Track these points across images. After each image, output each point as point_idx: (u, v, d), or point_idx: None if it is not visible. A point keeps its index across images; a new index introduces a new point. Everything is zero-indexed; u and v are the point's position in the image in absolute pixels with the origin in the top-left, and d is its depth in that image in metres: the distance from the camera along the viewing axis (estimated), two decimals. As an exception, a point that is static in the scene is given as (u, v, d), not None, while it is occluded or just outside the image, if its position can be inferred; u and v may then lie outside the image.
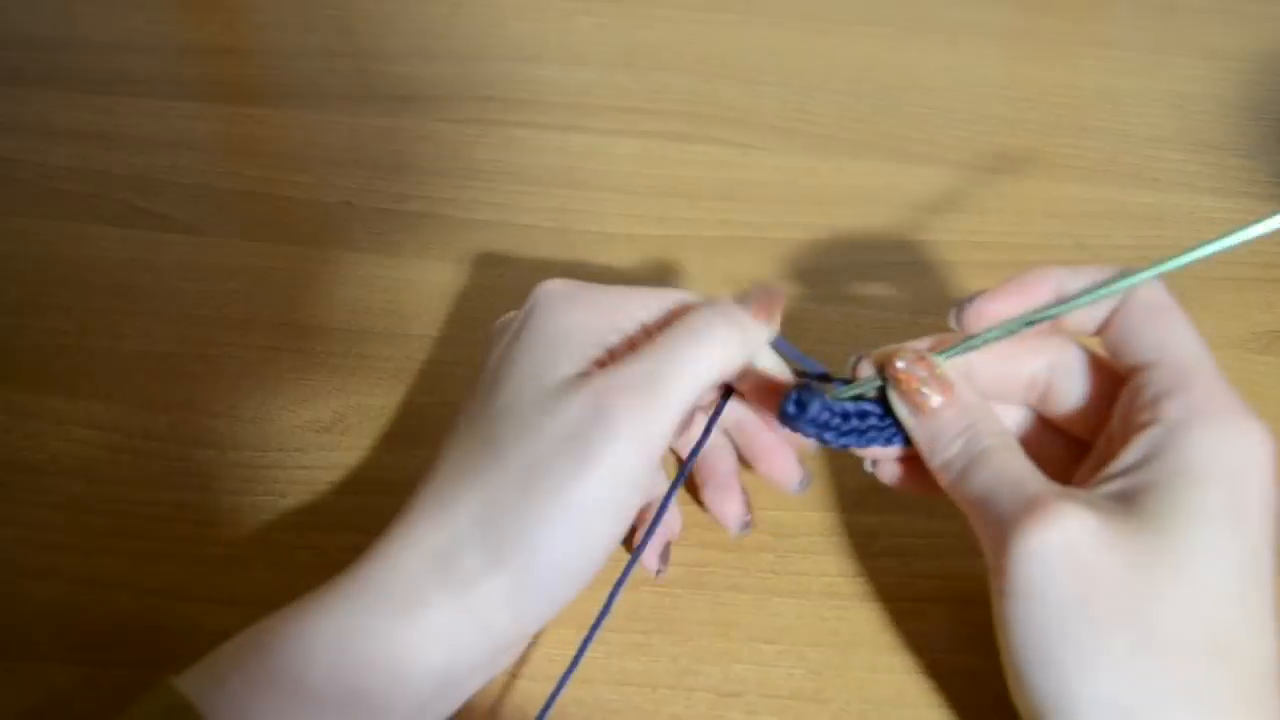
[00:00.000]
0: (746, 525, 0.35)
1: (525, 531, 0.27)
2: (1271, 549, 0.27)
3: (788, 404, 0.29)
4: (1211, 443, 0.27)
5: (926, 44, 0.57)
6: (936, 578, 0.35)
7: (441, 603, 0.27)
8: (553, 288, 0.32)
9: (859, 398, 0.31)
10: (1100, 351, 0.31)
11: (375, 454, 0.38)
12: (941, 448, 0.29)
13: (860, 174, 0.49)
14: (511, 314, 0.33)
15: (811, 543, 0.36)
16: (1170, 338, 0.29)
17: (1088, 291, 0.29)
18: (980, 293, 0.31)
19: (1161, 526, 0.26)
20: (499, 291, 0.44)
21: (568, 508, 0.28)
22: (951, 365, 0.30)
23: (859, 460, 0.33)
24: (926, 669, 0.32)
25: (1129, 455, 0.28)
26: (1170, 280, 0.29)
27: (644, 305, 0.32)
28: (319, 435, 0.39)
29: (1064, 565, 0.26)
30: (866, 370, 0.31)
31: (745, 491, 0.35)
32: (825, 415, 0.30)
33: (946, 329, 0.31)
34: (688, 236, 0.46)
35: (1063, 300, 0.30)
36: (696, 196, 0.48)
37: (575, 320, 0.30)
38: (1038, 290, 0.30)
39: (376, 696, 0.27)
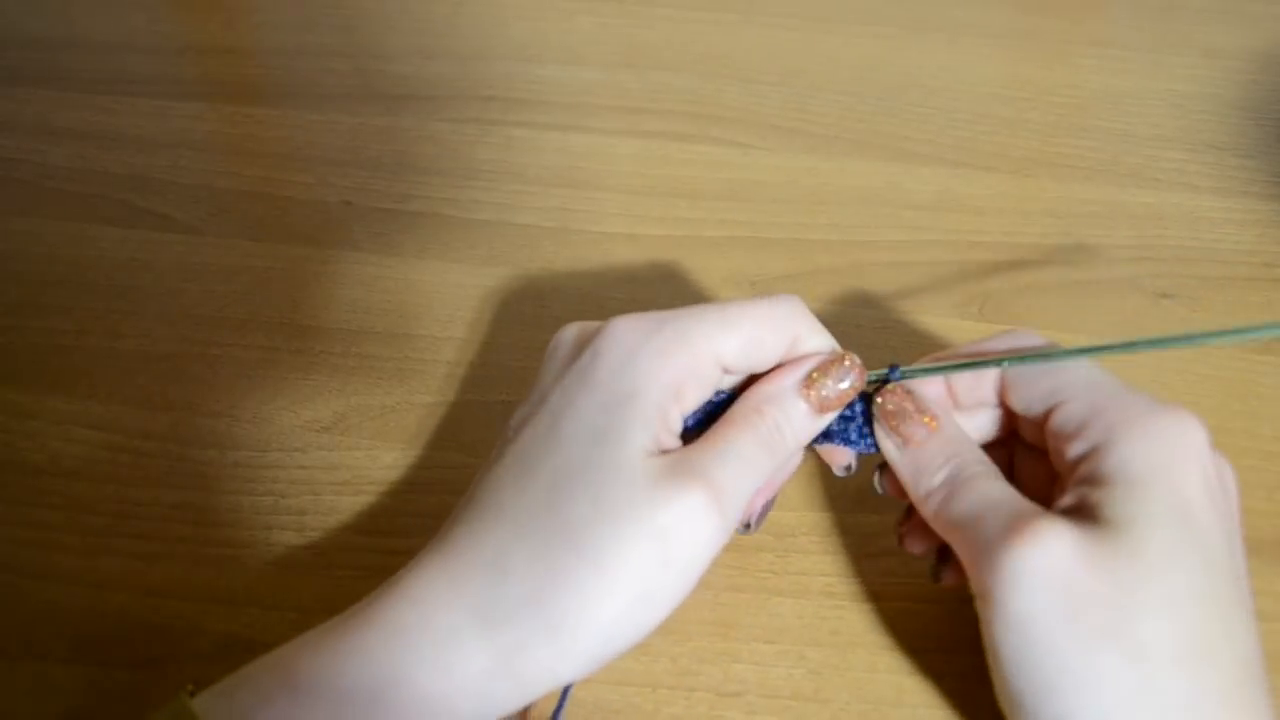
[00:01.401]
0: (848, 469, 0.32)
1: (589, 613, 0.27)
2: (1230, 539, 0.27)
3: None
4: (1138, 449, 0.27)
5: (927, 44, 0.57)
6: (937, 578, 0.35)
7: (482, 661, 0.26)
8: (623, 327, 0.29)
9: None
10: None
11: (375, 454, 0.38)
12: (927, 479, 0.30)
13: (861, 174, 0.49)
14: (571, 328, 0.31)
15: (811, 543, 0.36)
16: (1061, 378, 0.29)
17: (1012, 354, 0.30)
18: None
19: (1124, 538, 0.26)
20: (499, 291, 0.44)
21: (644, 599, 0.27)
22: (929, 383, 0.31)
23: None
24: (926, 669, 0.32)
25: (1075, 482, 0.28)
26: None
27: (729, 338, 0.29)
28: (319, 435, 0.39)
29: (1051, 584, 0.26)
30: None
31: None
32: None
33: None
34: (688, 236, 0.46)
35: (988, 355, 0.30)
36: (697, 196, 0.48)
37: (650, 372, 0.28)
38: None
39: None
